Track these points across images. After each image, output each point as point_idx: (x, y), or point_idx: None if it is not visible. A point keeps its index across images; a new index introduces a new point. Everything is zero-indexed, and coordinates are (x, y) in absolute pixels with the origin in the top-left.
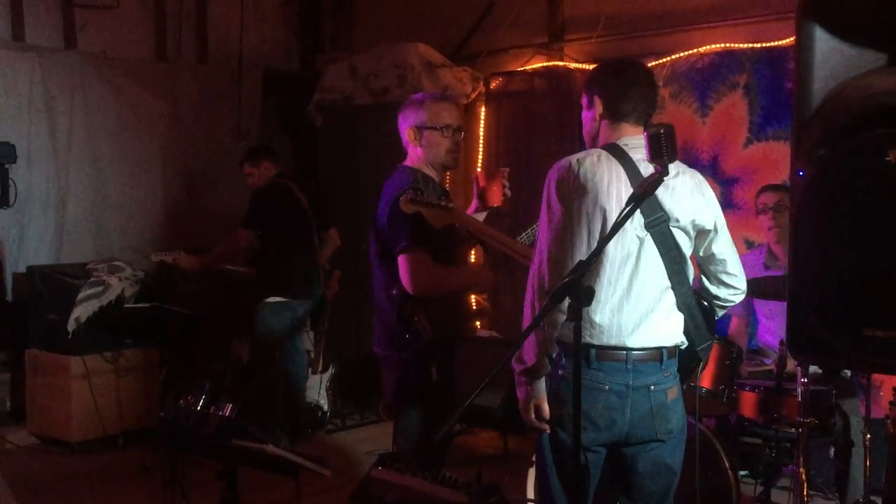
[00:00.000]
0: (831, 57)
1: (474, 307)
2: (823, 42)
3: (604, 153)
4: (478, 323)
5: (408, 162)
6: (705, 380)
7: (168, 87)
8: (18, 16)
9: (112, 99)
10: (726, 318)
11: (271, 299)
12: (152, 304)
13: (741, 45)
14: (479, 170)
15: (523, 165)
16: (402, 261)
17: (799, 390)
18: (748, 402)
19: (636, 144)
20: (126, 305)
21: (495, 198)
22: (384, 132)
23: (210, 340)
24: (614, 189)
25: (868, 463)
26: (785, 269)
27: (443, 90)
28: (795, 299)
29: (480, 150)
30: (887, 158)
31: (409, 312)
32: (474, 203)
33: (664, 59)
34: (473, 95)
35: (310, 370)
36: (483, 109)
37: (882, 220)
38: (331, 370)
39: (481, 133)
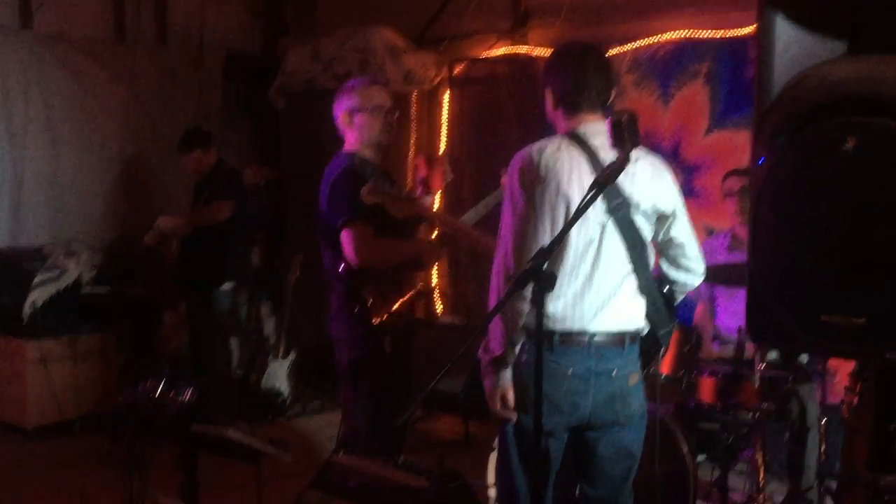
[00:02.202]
0: (792, 45)
1: (423, 285)
2: (784, 30)
3: (564, 141)
4: (438, 307)
5: (345, 147)
6: (665, 366)
7: (127, 69)
8: None
9: (69, 80)
10: (692, 304)
11: (226, 286)
12: (110, 288)
13: (703, 34)
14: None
15: (486, 150)
16: (344, 235)
17: (756, 376)
18: (707, 388)
19: (595, 131)
20: (83, 290)
21: (437, 182)
22: None
23: (170, 323)
24: (576, 176)
25: (823, 448)
26: None
27: (406, 75)
28: (754, 285)
29: (444, 135)
30: (845, 146)
31: (356, 286)
32: (419, 189)
33: (627, 47)
34: (437, 80)
35: (271, 356)
36: (447, 95)
37: (839, 207)
38: (292, 355)
39: (445, 118)
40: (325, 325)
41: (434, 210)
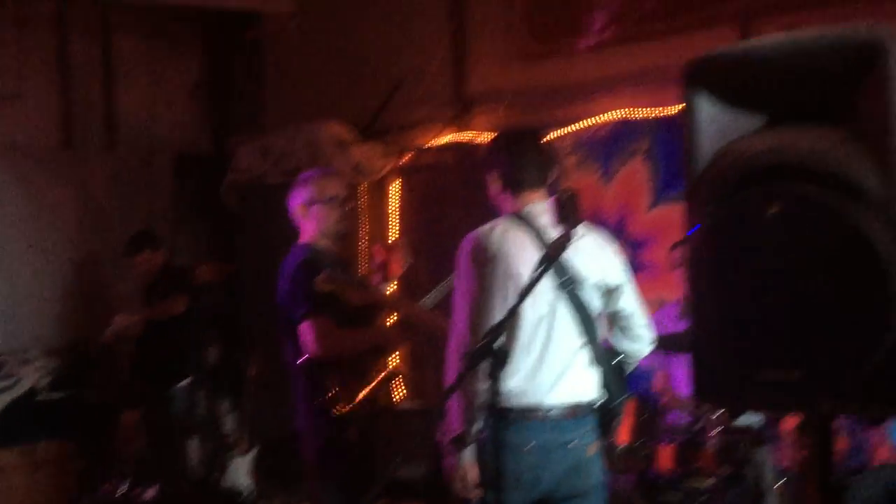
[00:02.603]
0: (715, 121)
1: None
2: (708, 107)
3: (510, 222)
4: (398, 394)
5: (302, 238)
6: (624, 435)
7: (77, 175)
8: None
9: (20, 187)
10: (649, 373)
11: (183, 383)
12: (66, 394)
13: (640, 113)
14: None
15: (436, 236)
16: (304, 327)
17: (713, 442)
18: (665, 456)
19: (539, 211)
20: (39, 397)
21: (396, 268)
22: None
23: (128, 425)
24: (524, 255)
25: None
26: None
27: (355, 166)
28: (697, 346)
29: (394, 223)
30: (769, 211)
31: (318, 376)
32: (377, 276)
33: (568, 129)
34: (385, 171)
35: (232, 453)
36: (395, 184)
37: (769, 268)
38: (254, 451)
39: (395, 207)
40: (286, 419)
41: (389, 295)
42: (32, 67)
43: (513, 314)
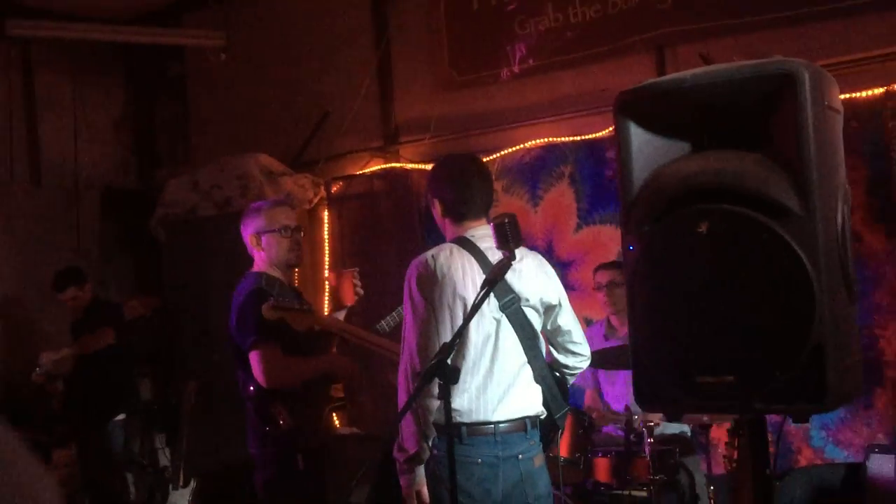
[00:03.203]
0: (645, 147)
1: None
2: (637, 136)
3: (454, 247)
4: (335, 419)
5: (254, 267)
6: (563, 449)
7: (1, 211)
8: None
9: None
10: (580, 391)
11: (118, 418)
12: None
13: (564, 139)
14: (328, 272)
15: (369, 264)
16: (252, 357)
17: (647, 450)
18: (602, 467)
19: (482, 234)
20: None
21: (348, 296)
22: (230, 241)
23: (61, 464)
24: (469, 278)
25: None
26: (623, 338)
27: (285, 197)
28: (637, 357)
29: (326, 252)
30: (699, 230)
31: (267, 405)
32: (328, 303)
33: (494, 156)
34: (315, 200)
35: (170, 487)
36: (326, 213)
37: (700, 281)
38: (192, 484)
39: (326, 236)
40: (224, 451)
41: (335, 321)
42: None
43: (461, 334)
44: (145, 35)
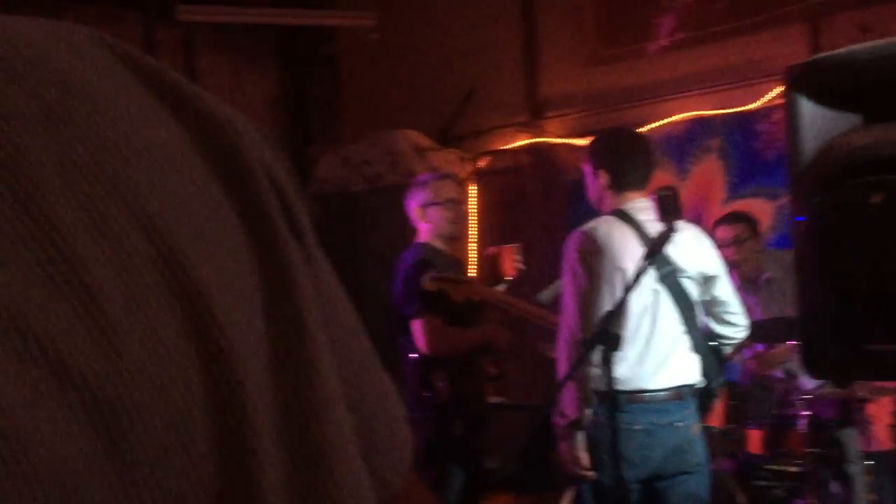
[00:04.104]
0: (815, 120)
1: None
2: (808, 109)
3: (613, 219)
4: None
5: (418, 238)
6: (716, 419)
7: None
8: None
9: None
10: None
11: None
12: None
13: (712, 112)
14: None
15: (514, 238)
16: (415, 325)
17: (803, 423)
18: (755, 440)
19: (641, 207)
20: None
21: (508, 270)
22: (380, 215)
23: None
24: (628, 249)
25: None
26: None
27: (433, 172)
28: (806, 327)
29: (473, 226)
30: (872, 201)
31: (427, 372)
32: (486, 276)
33: (641, 130)
34: (463, 175)
35: None
36: (472, 188)
37: (874, 251)
38: None
39: (473, 210)
40: None
41: (494, 292)
42: None
43: (624, 302)
44: (302, 17)
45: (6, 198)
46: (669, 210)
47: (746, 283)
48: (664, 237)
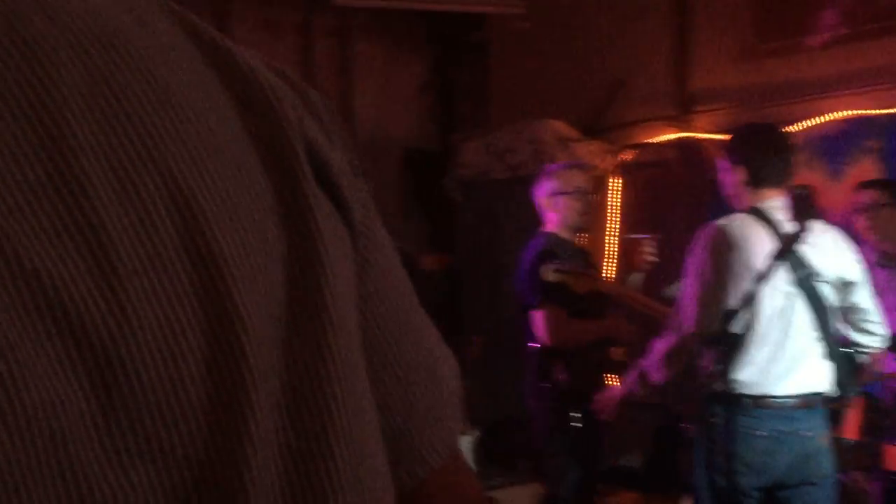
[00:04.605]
0: None
1: (616, 360)
2: None
3: (748, 216)
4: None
5: (545, 227)
6: (851, 431)
7: None
8: None
9: None
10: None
11: None
12: None
13: (872, 112)
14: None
15: (656, 232)
16: (536, 315)
17: None
18: (894, 456)
19: (778, 206)
20: None
21: (640, 262)
22: (520, 204)
23: None
24: (760, 249)
25: None
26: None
27: (579, 161)
28: None
29: (613, 219)
30: None
31: (547, 362)
32: (616, 268)
33: (795, 127)
34: (606, 167)
35: None
36: (616, 181)
37: None
38: (474, 433)
39: (615, 203)
40: (502, 402)
41: (616, 285)
42: None
43: (748, 303)
44: (453, 4)
45: (37, 149)
46: (804, 210)
47: (883, 259)
48: (797, 237)
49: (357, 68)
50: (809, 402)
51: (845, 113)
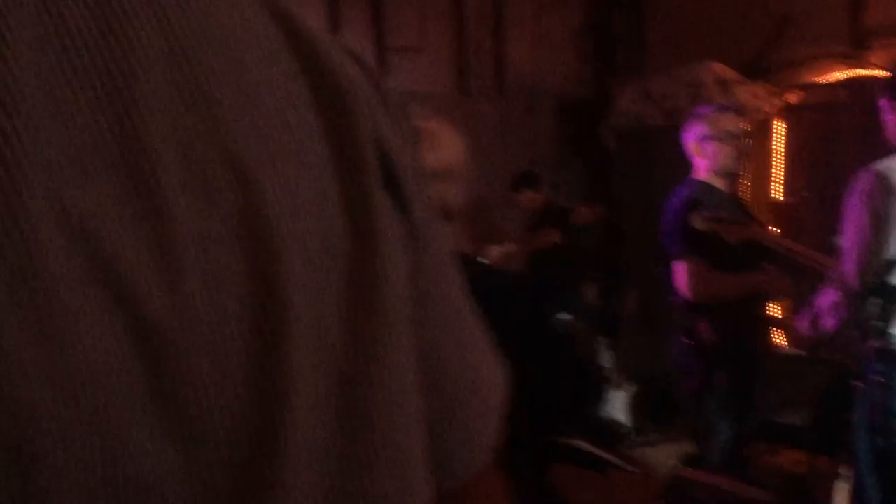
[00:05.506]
0: None
1: (773, 316)
2: None
3: None
4: (782, 336)
5: (694, 174)
6: None
7: (469, 119)
8: None
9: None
10: None
11: (564, 317)
12: None
13: None
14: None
15: (825, 178)
16: (678, 268)
17: None
18: None
19: None
20: None
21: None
22: (678, 152)
23: None
24: None
25: None
26: None
27: (733, 103)
28: None
29: (778, 165)
30: None
31: (690, 318)
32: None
33: None
34: (770, 110)
35: (608, 387)
36: (781, 125)
37: None
38: (629, 387)
39: (780, 148)
40: (660, 358)
41: (771, 235)
42: (431, 21)
43: None
44: None
45: (107, 113)
46: None
47: None
48: None
49: (509, 15)
50: None
51: None
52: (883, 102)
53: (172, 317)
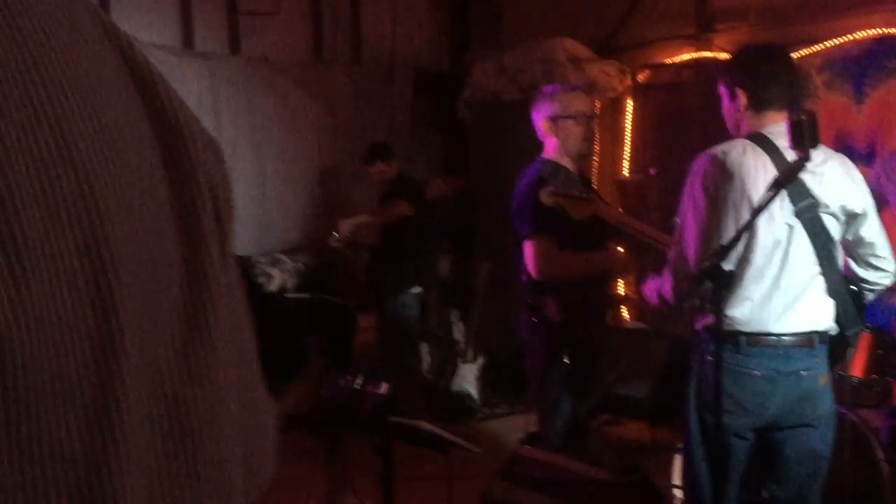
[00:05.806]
0: None
1: (617, 294)
2: None
3: (749, 143)
4: (624, 311)
5: (544, 153)
6: (856, 369)
7: (324, 88)
8: (188, 25)
9: (272, 99)
10: (891, 307)
11: (414, 290)
12: (312, 294)
13: None
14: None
15: (671, 157)
16: (526, 247)
17: None
18: None
19: (780, 131)
20: (287, 295)
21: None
22: (531, 127)
23: (364, 328)
24: (761, 178)
25: None
26: None
27: (589, 84)
28: None
29: (627, 143)
30: None
31: (536, 296)
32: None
33: (817, 47)
34: (620, 89)
35: (459, 360)
36: (630, 103)
37: None
38: (480, 360)
39: (628, 126)
40: (513, 332)
41: (616, 212)
42: None
43: (739, 237)
44: None
45: None
46: (804, 136)
47: None
48: (796, 166)
49: None
50: (809, 339)
51: (871, 31)
52: (721, 88)
53: (23, 342)
